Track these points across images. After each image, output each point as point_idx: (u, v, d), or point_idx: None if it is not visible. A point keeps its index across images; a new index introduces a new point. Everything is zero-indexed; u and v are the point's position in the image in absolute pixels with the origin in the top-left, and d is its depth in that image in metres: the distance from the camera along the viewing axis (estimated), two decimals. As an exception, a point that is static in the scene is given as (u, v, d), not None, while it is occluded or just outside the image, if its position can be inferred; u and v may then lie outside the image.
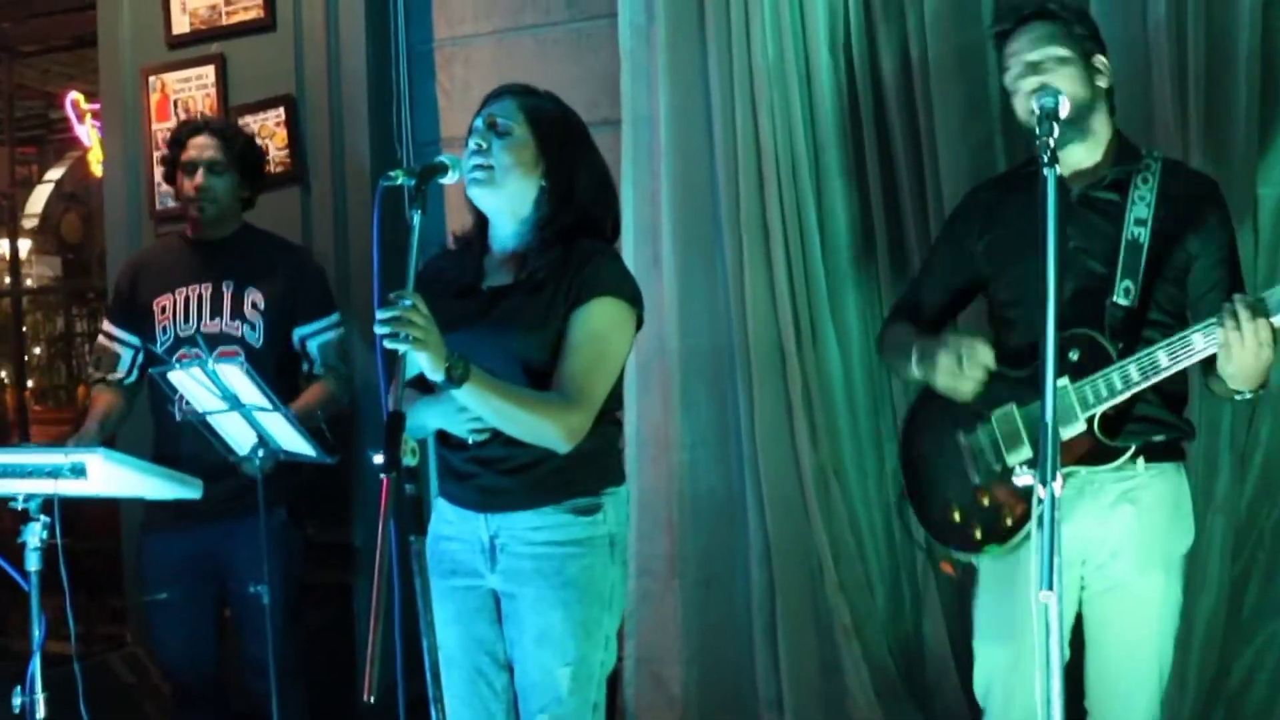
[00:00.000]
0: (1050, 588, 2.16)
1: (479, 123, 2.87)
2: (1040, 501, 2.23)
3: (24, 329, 7.80)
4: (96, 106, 6.53)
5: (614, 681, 4.23)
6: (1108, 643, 2.93)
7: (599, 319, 2.81)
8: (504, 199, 2.85)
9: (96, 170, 7.10)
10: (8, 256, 8.07)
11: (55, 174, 9.45)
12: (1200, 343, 2.66)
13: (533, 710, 2.87)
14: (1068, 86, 2.80)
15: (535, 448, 2.78)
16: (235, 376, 3.22)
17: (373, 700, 2.28)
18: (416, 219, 2.53)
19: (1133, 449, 2.82)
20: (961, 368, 2.87)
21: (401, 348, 2.47)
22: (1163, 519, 2.90)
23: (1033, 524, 2.32)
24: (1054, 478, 2.23)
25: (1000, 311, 3.07)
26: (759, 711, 4.17)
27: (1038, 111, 2.66)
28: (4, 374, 8.02)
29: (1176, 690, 3.46)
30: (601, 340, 2.82)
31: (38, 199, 9.40)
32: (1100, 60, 2.90)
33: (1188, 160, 3.45)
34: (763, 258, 4.10)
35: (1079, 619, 2.95)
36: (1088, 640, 2.96)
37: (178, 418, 3.67)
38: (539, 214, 2.87)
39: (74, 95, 7.33)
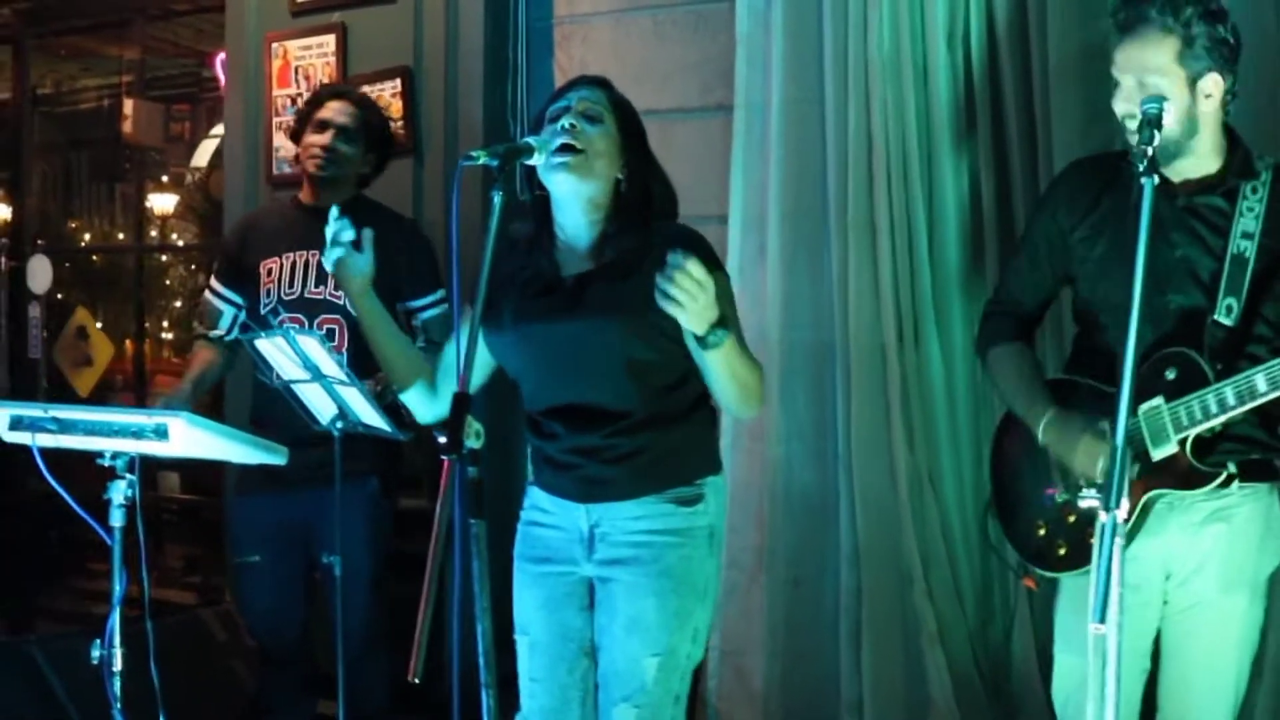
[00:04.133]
0: (1103, 620, 2.08)
1: (570, 103, 2.81)
2: (1103, 527, 2.15)
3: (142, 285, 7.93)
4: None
5: (696, 671, 4.20)
6: (1184, 661, 2.85)
7: (724, 294, 2.71)
8: (588, 185, 2.79)
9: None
10: (158, 212, 8.26)
11: (222, 128, 9.52)
12: None
13: (615, 698, 2.84)
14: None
15: (639, 437, 2.78)
16: (314, 347, 3.24)
17: (417, 681, 2.29)
18: (498, 200, 2.49)
19: (1224, 475, 2.72)
20: (1094, 470, 2.77)
21: (672, 309, 2.43)
22: (1253, 539, 2.81)
23: (1094, 549, 2.24)
24: (1117, 504, 2.15)
25: (1089, 311, 2.97)
26: (839, 714, 4.11)
27: (1139, 116, 2.55)
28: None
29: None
30: (735, 310, 2.81)
31: (203, 154, 9.48)
32: (1211, 82, 2.70)
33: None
34: (869, 254, 4.02)
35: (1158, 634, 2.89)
36: (1164, 657, 2.89)
37: (271, 383, 3.72)
38: (614, 205, 2.83)
39: (223, 55, 7.44)
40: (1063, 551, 2.91)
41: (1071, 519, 2.89)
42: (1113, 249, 2.86)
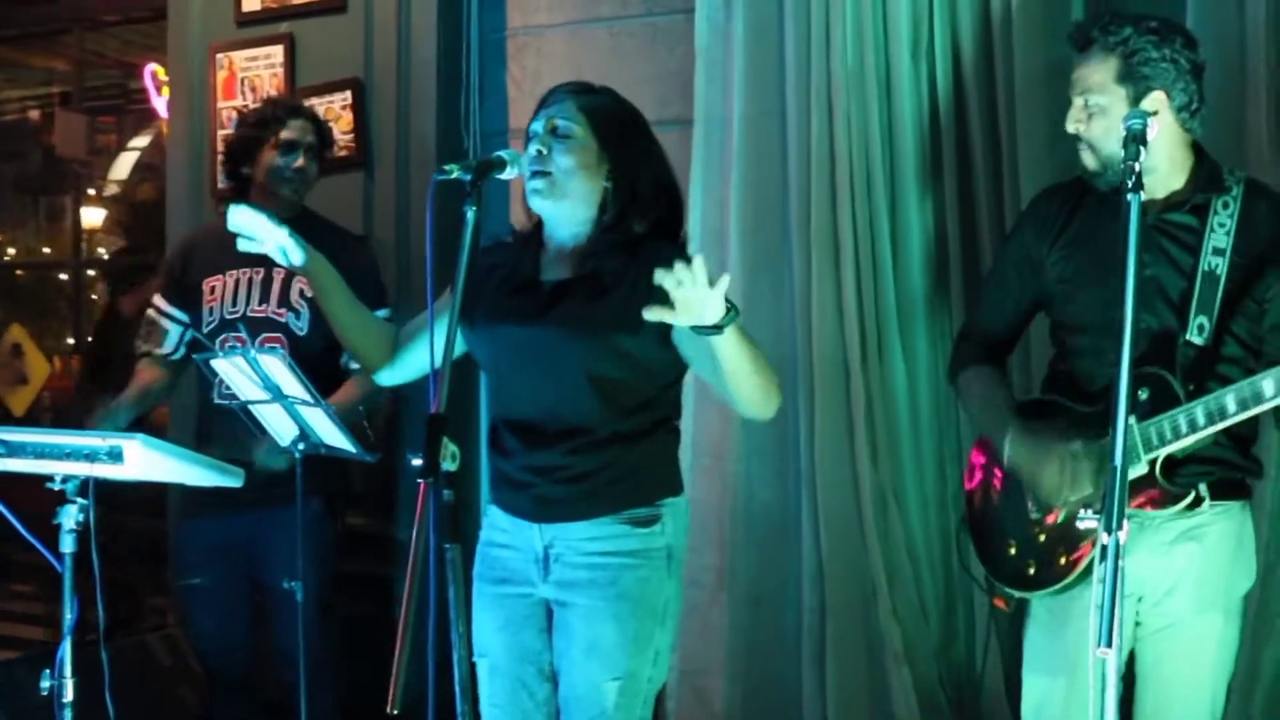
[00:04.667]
0: (1109, 644, 2.05)
1: (538, 127, 2.80)
2: (1104, 549, 2.12)
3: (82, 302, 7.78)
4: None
5: (657, 694, 4.16)
6: (1161, 683, 2.84)
7: None
8: (565, 205, 2.79)
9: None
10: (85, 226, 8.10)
11: (141, 141, 9.38)
12: (1271, 389, 2.54)
13: None
14: (1099, 137, 2.75)
15: (598, 456, 2.75)
16: (276, 367, 3.17)
17: (397, 712, 2.23)
18: (471, 214, 2.47)
19: (1193, 496, 2.71)
20: (1064, 487, 2.78)
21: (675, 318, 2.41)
22: (1225, 558, 2.81)
23: (1094, 570, 2.22)
24: (1119, 525, 2.12)
25: (1065, 333, 2.96)
26: (802, 735, 4.07)
27: (1124, 133, 2.54)
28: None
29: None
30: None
31: (122, 166, 9.34)
32: (1154, 100, 2.73)
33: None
34: (832, 270, 3.97)
35: (1130, 656, 2.87)
36: (1139, 680, 2.87)
37: (216, 401, 3.64)
38: (603, 216, 2.80)
39: (153, 67, 7.30)
40: (1032, 571, 2.89)
41: (1042, 538, 2.88)
42: (1083, 270, 2.88)
